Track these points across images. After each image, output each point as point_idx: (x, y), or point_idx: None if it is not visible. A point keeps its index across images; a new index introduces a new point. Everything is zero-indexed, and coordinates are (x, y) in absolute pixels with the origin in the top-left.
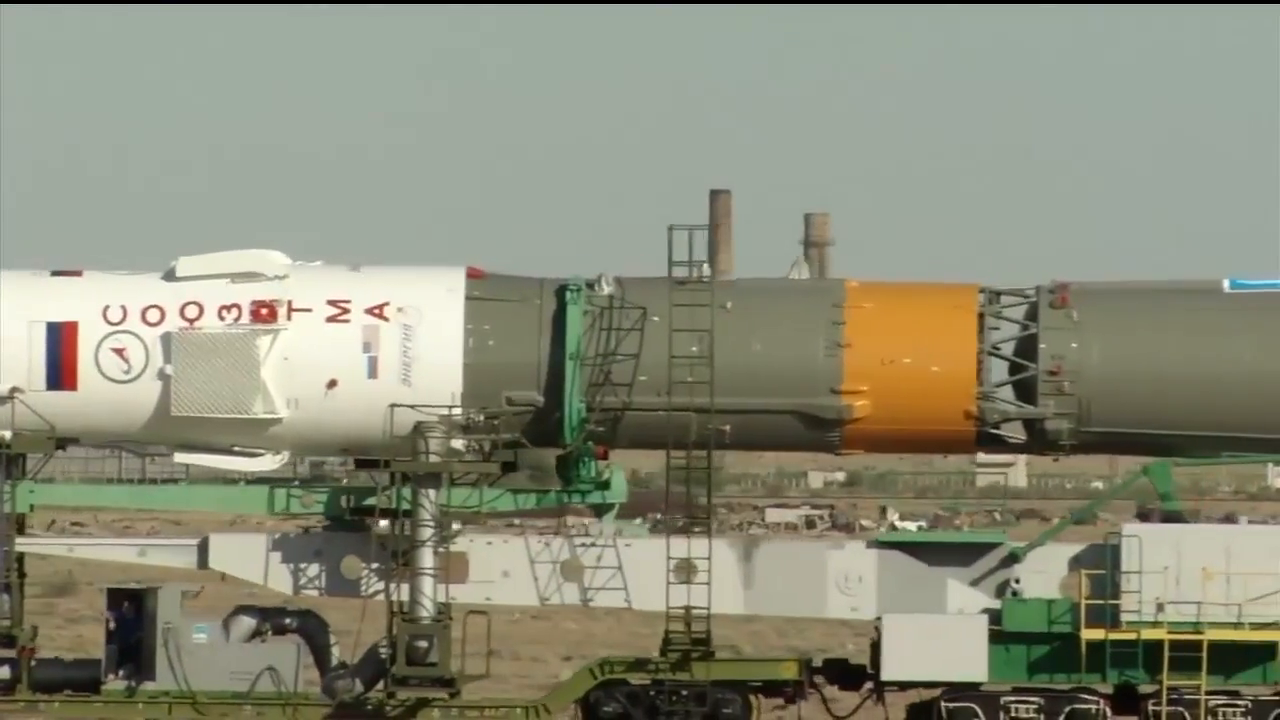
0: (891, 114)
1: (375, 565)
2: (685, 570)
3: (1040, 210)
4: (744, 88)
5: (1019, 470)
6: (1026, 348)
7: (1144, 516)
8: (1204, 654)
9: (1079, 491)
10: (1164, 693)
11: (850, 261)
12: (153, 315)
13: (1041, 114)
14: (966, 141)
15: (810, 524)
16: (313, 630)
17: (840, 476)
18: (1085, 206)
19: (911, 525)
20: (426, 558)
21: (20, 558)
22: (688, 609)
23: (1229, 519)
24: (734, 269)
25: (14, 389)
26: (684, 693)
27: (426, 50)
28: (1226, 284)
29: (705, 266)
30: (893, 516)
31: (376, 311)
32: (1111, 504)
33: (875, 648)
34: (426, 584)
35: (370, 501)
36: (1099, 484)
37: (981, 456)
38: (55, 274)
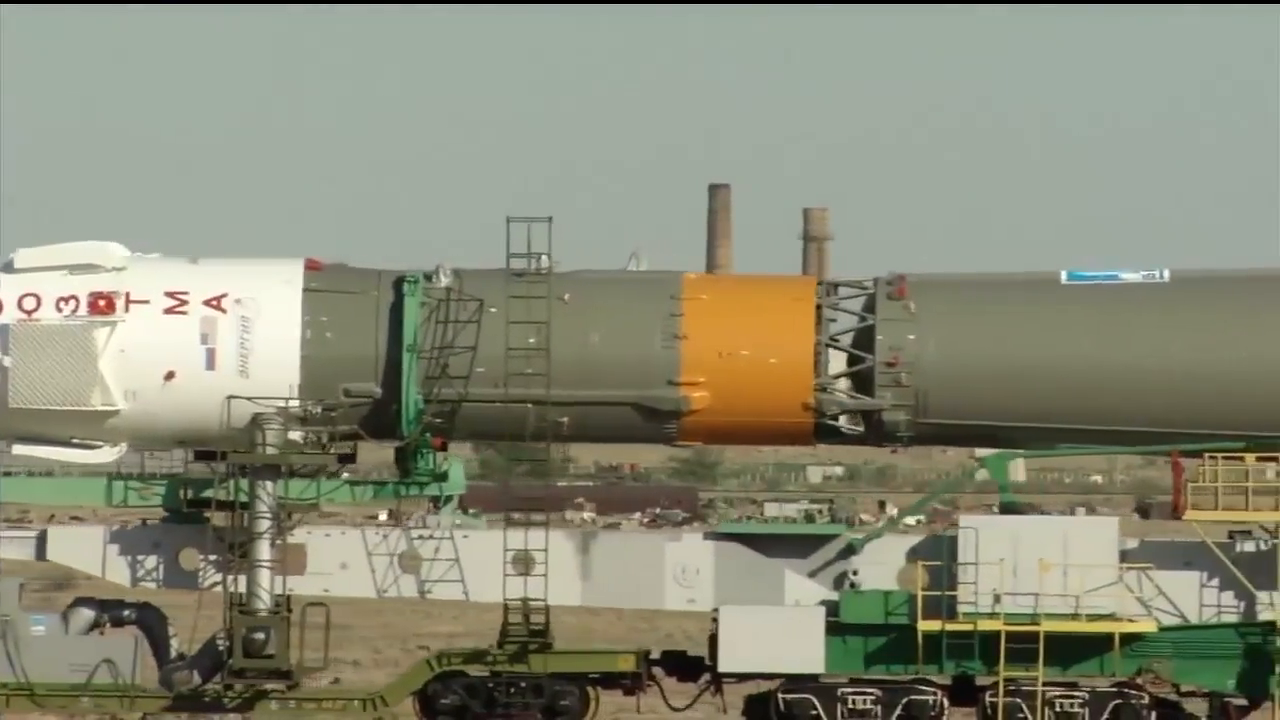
0: (891, 110)
1: (213, 557)
2: (523, 563)
3: (1040, 201)
4: (744, 83)
5: (1018, 465)
6: (864, 340)
7: (1143, 512)
8: (1041, 645)
9: (1077, 485)
10: (1001, 684)
11: (850, 257)
12: None
13: (1040, 108)
14: (966, 137)
15: (809, 518)
16: (151, 622)
17: (839, 471)
18: (1084, 194)
19: (910, 519)
20: (264, 550)
21: None
22: (525, 601)
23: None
24: (733, 263)
25: None
26: (522, 685)
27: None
28: (1064, 276)
29: (544, 259)
30: (891, 510)
31: (214, 303)
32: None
33: (713, 639)
34: (264, 576)
35: (208, 493)
36: (1097, 478)
37: (980, 451)
38: None
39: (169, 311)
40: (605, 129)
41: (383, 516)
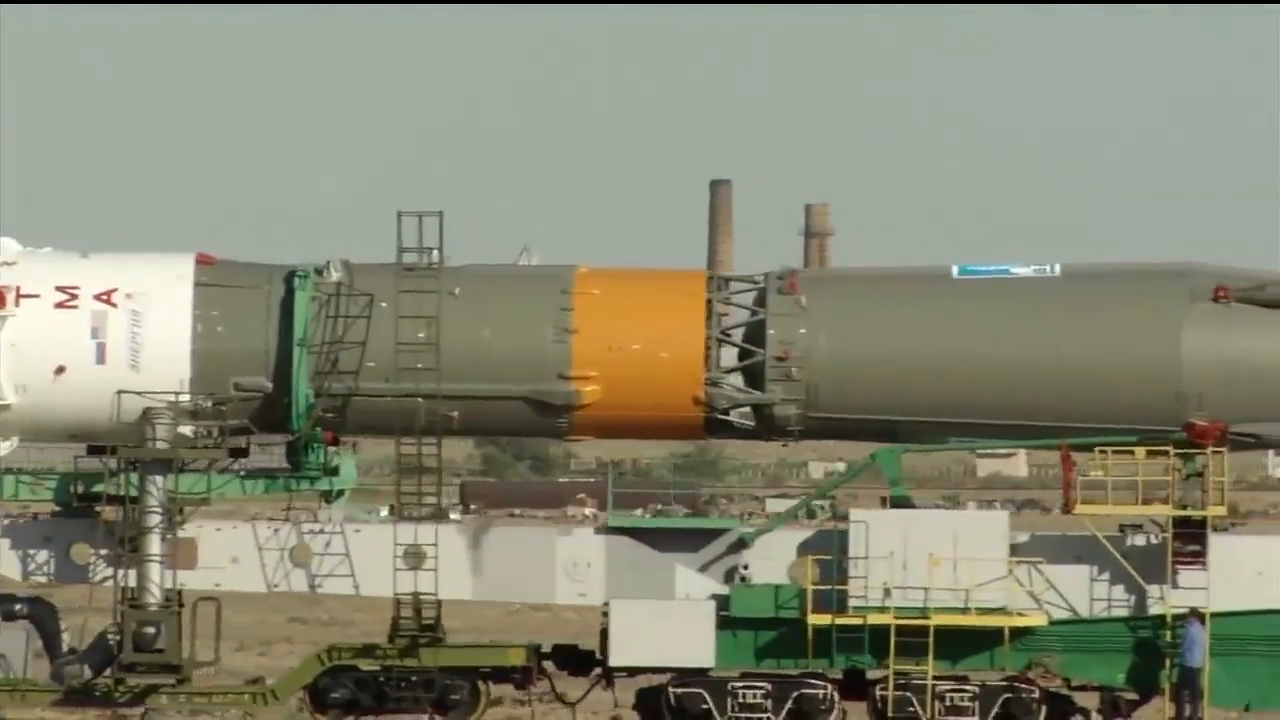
0: (892, 105)
1: (104, 552)
2: (414, 557)
3: (1039, 193)
4: (746, 79)
5: (1019, 460)
6: (755, 334)
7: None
8: (931, 639)
9: (1079, 480)
10: (890, 678)
11: (852, 252)
12: None
13: (1037, 102)
14: (966, 131)
15: (811, 514)
16: (42, 616)
17: (841, 467)
18: (1082, 189)
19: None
20: (154, 544)
21: None
22: (416, 595)
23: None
24: (734, 258)
25: None
26: (412, 679)
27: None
28: (955, 270)
29: (435, 253)
30: None
31: (105, 298)
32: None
33: (604, 633)
34: (154, 570)
35: (99, 488)
36: (1098, 474)
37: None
38: None
39: (60, 306)
40: (607, 125)
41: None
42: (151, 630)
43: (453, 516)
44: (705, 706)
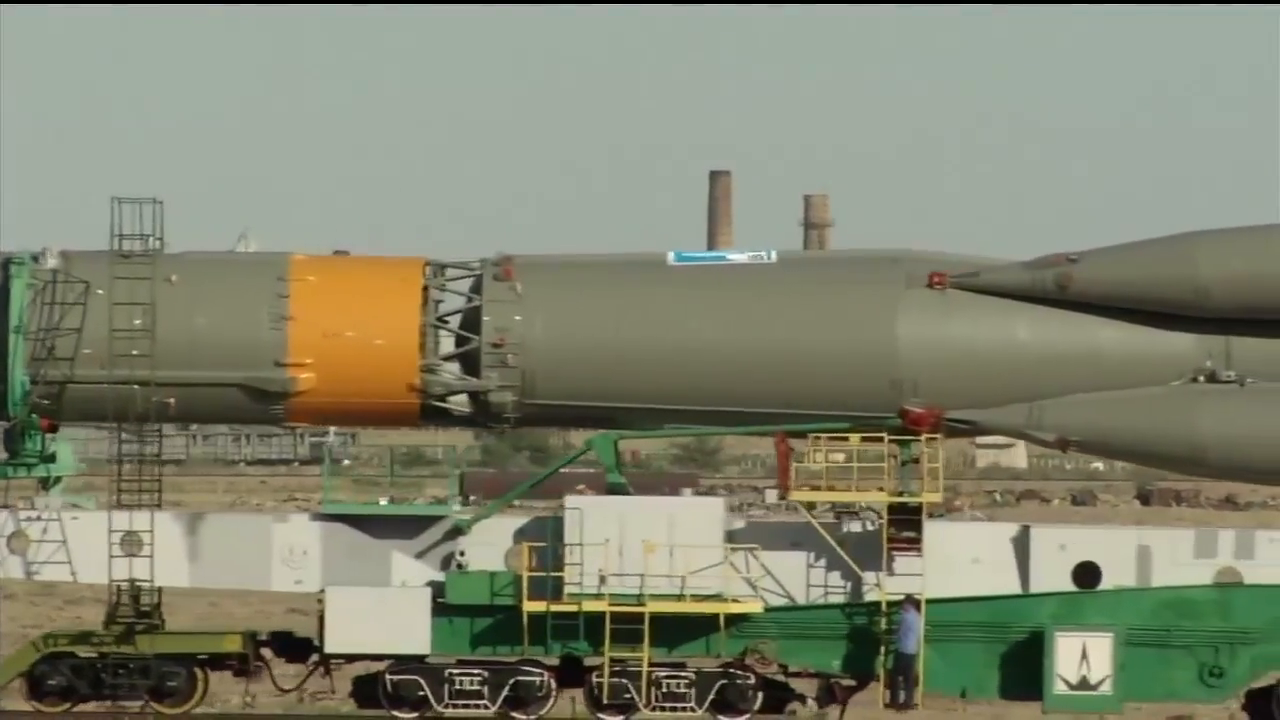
0: (891, 95)
1: None
2: (131, 544)
3: (1036, 184)
4: (745, 69)
5: (1018, 451)
6: (472, 321)
7: (1144, 498)
8: (646, 626)
9: (1078, 472)
10: (606, 665)
11: (851, 243)
12: None
13: (1033, 95)
14: (967, 122)
15: (810, 505)
16: None
17: (840, 458)
18: (1082, 181)
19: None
20: None
21: None
22: (132, 582)
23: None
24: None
25: None
26: (130, 666)
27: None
28: (671, 257)
29: (154, 240)
30: None
31: None
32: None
33: (321, 620)
34: None
35: None
36: (1099, 465)
37: (980, 438)
38: None
39: None
40: (607, 116)
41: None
42: None
43: (454, 508)
44: (422, 693)
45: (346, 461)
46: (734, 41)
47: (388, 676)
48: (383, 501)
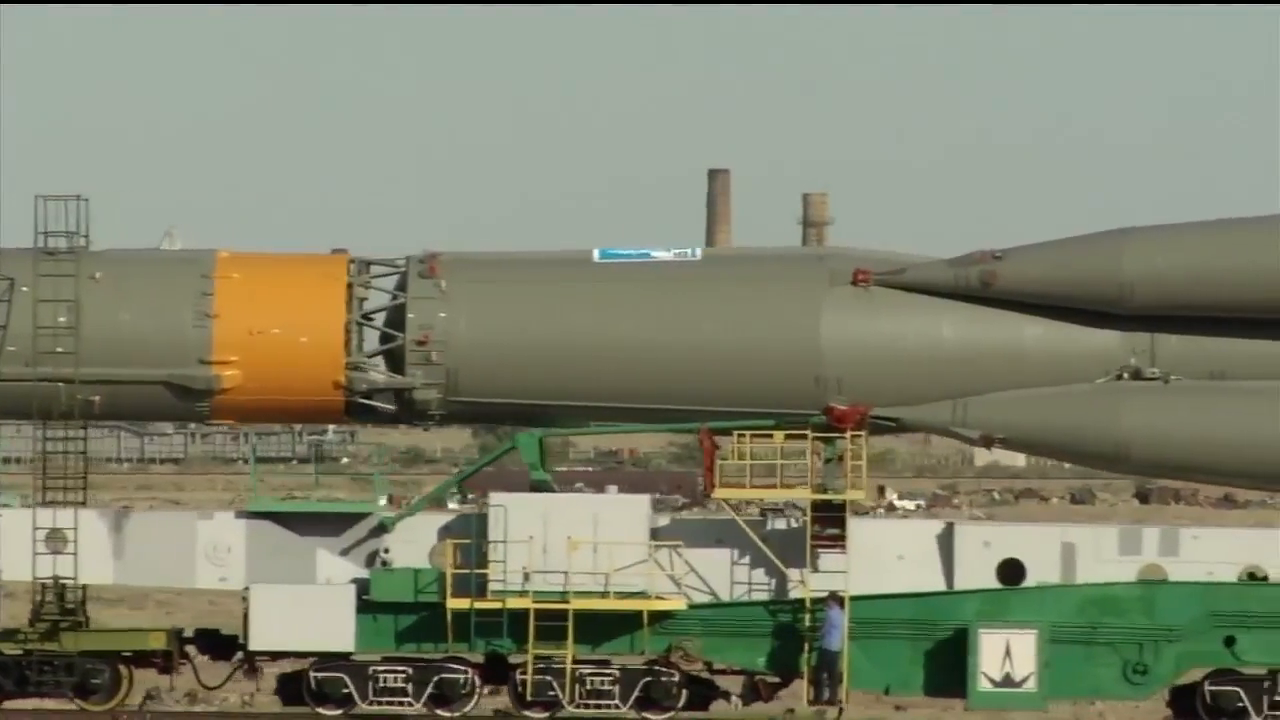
0: (890, 94)
1: None
2: (55, 541)
3: (1038, 185)
4: (744, 68)
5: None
6: (397, 318)
7: (1143, 497)
8: (570, 623)
9: (1077, 471)
10: (530, 662)
11: (850, 241)
12: None
13: (1037, 96)
14: (965, 120)
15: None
16: None
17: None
18: (1083, 182)
19: (910, 504)
20: None
21: None
22: (56, 579)
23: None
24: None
25: None
26: (54, 663)
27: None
28: (596, 254)
29: (79, 237)
30: (891, 495)
31: None
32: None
33: (246, 617)
34: None
35: None
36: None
37: None
38: None
39: None
40: (605, 114)
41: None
42: None
43: (451, 506)
44: (346, 691)
45: (345, 460)
46: (733, 40)
47: (312, 674)
48: (382, 501)
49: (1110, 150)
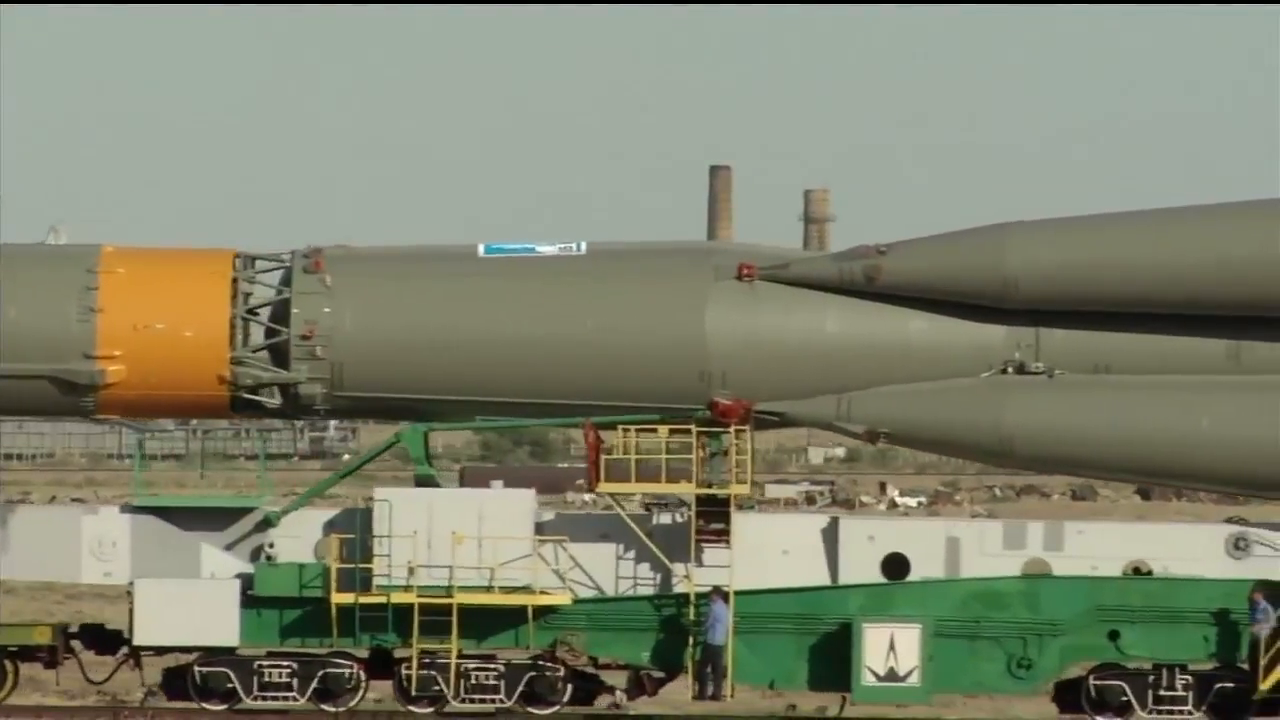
0: (891, 90)
1: None
2: None
3: (1037, 182)
4: (745, 64)
5: None
6: (282, 313)
7: (1144, 493)
8: (455, 618)
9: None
10: (415, 657)
11: (851, 238)
12: None
13: (1033, 93)
14: (965, 117)
15: (810, 500)
16: None
17: (840, 452)
18: (1082, 181)
19: (911, 500)
20: None
21: None
22: None
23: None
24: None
25: None
26: None
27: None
28: (481, 249)
29: None
30: (893, 492)
31: None
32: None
33: (132, 612)
34: None
35: None
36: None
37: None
38: None
39: None
40: (607, 111)
41: None
42: None
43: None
44: (231, 685)
45: (346, 456)
46: (734, 36)
47: (197, 669)
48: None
49: (1115, 150)
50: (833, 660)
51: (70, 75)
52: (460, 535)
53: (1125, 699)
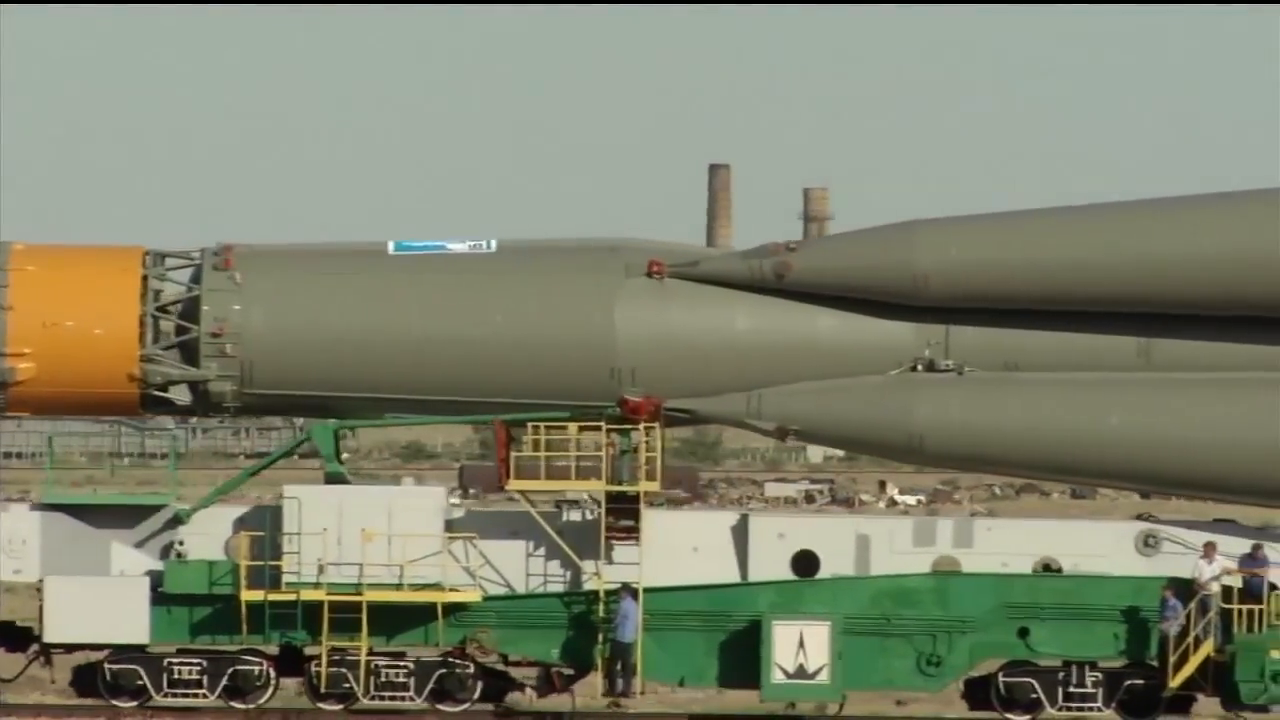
0: (891, 89)
1: None
2: None
3: (1036, 182)
4: (744, 63)
5: None
6: (191, 310)
7: (1144, 492)
8: (364, 615)
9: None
10: (324, 654)
11: None
12: None
13: (1034, 92)
14: (965, 116)
15: (810, 498)
16: None
17: (840, 451)
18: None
19: (911, 499)
20: None
21: None
22: None
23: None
24: (733, 243)
25: None
26: None
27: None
28: (392, 246)
29: None
30: (892, 490)
31: None
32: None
33: (41, 610)
34: None
35: None
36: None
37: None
38: None
39: None
40: (605, 108)
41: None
42: None
43: (452, 501)
44: (141, 682)
45: (346, 455)
46: (734, 35)
47: (107, 666)
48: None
49: (1115, 150)
50: (742, 657)
51: None
52: (370, 533)
53: (1035, 696)
